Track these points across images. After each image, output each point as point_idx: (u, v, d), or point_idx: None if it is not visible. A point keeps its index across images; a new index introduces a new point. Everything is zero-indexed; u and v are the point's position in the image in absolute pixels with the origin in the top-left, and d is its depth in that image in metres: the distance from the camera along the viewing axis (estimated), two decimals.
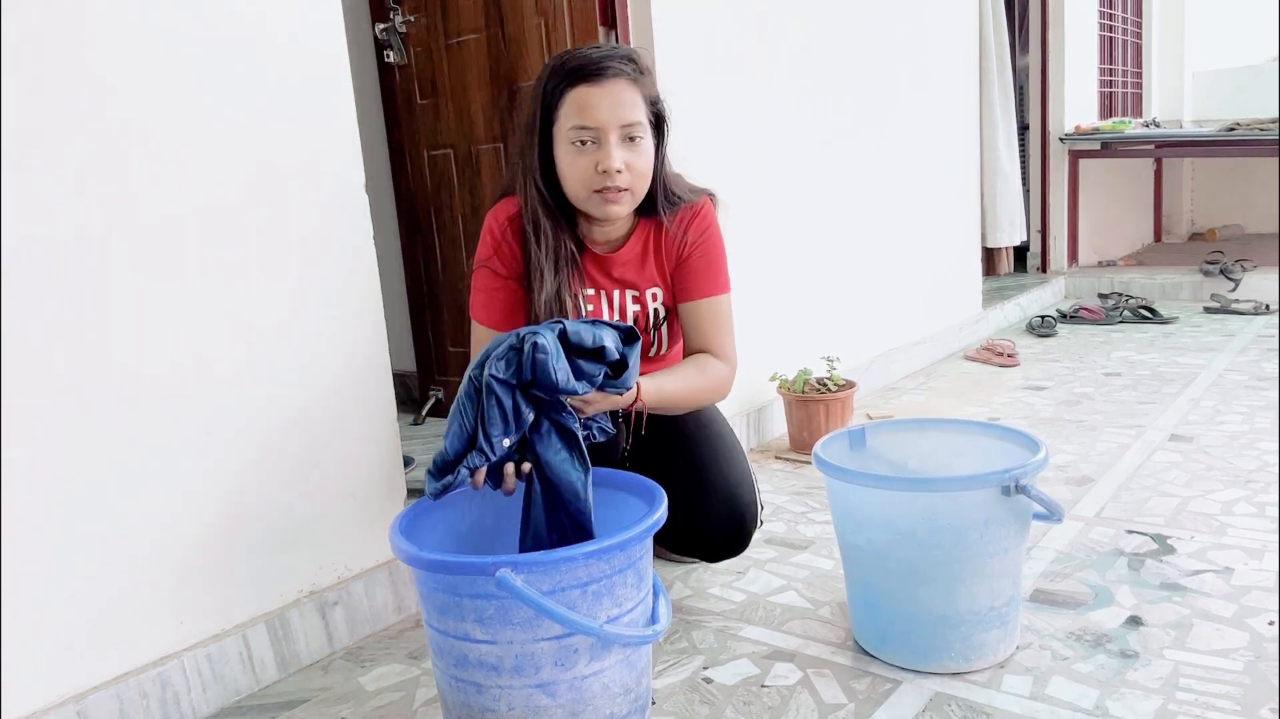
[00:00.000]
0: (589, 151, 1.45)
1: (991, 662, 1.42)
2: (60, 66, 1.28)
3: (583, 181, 1.46)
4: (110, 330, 1.35)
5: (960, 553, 1.36)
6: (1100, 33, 5.47)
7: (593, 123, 1.43)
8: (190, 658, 1.44)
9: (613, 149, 1.43)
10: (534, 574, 1.11)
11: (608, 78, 1.43)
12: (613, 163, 1.43)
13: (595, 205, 1.48)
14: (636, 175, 1.47)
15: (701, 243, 1.60)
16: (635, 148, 1.46)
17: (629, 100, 1.44)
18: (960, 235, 3.94)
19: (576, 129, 1.44)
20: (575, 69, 1.45)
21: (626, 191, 1.47)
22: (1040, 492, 1.34)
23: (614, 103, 1.43)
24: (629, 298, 1.60)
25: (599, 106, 1.43)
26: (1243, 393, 2.87)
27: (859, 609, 1.51)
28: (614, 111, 1.43)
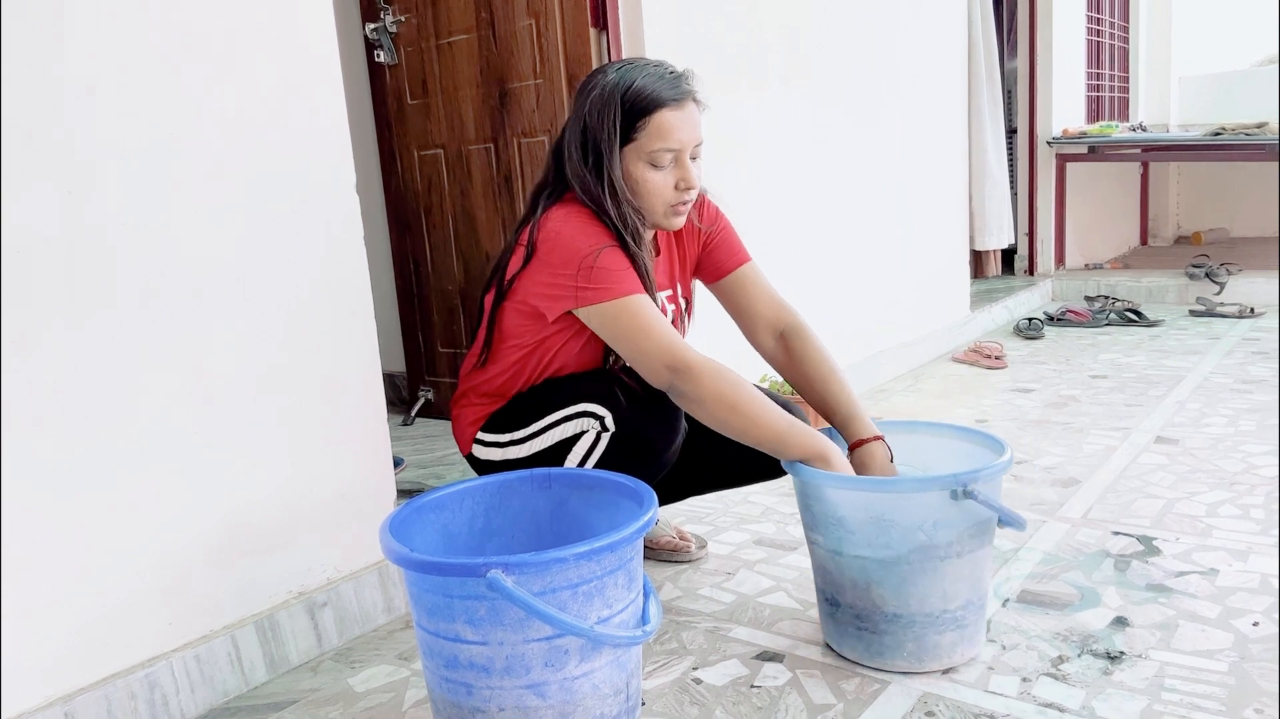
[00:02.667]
0: (668, 170, 1.52)
1: (946, 664, 1.43)
2: (46, 66, 1.28)
3: (663, 198, 1.53)
4: (97, 332, 1.34)
5: (909, 554, 1.38)
6: (1088, 37, 5.50)
7: (676, 145, 1.50)
8: (179, 659, 1.43)
9: (689, 166, 1.52)
10: (525, 575, 1.11)
11: (686, 101, 1.51)
12: (695, 180, 1.52)
13: (667, 218, 1.56)
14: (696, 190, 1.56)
15: (718, 221, 1.72)
16: (697, 163, 1.56)
17: (698, 120, 1.53)
18: (948, 238, 3.96)
19: (661, 150, 1.50)
20: (659, 94, 1.49)
21: (690, 205, 1.57)
22: (990, 498, 1.35)
23: (692, 125, 1.52)
24: (664, 298, 1.67)
25: (682, 129, 1.50)
26: (1228, 396, 2.89)
27: (821, 605, 1.53)
28: (693, 133, 1.52)
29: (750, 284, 1.71)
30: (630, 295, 1.47)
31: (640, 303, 1.47)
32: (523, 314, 1.56)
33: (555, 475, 1.45)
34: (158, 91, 1.39)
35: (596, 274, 1.46)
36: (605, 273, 1.46)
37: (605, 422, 1.52)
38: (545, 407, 1.57)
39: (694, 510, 2.16)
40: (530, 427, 1.58)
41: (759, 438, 1.45)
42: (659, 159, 1.50)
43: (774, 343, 1.69)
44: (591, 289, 1.46)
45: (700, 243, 1.71)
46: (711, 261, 1.72)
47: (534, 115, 2.56)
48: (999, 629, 1.55)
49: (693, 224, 1.69)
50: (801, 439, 1.44)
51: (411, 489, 2.21)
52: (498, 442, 1.61)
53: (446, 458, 2.55)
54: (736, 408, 1.44)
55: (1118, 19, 5.99)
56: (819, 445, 1.43)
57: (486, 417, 1.63)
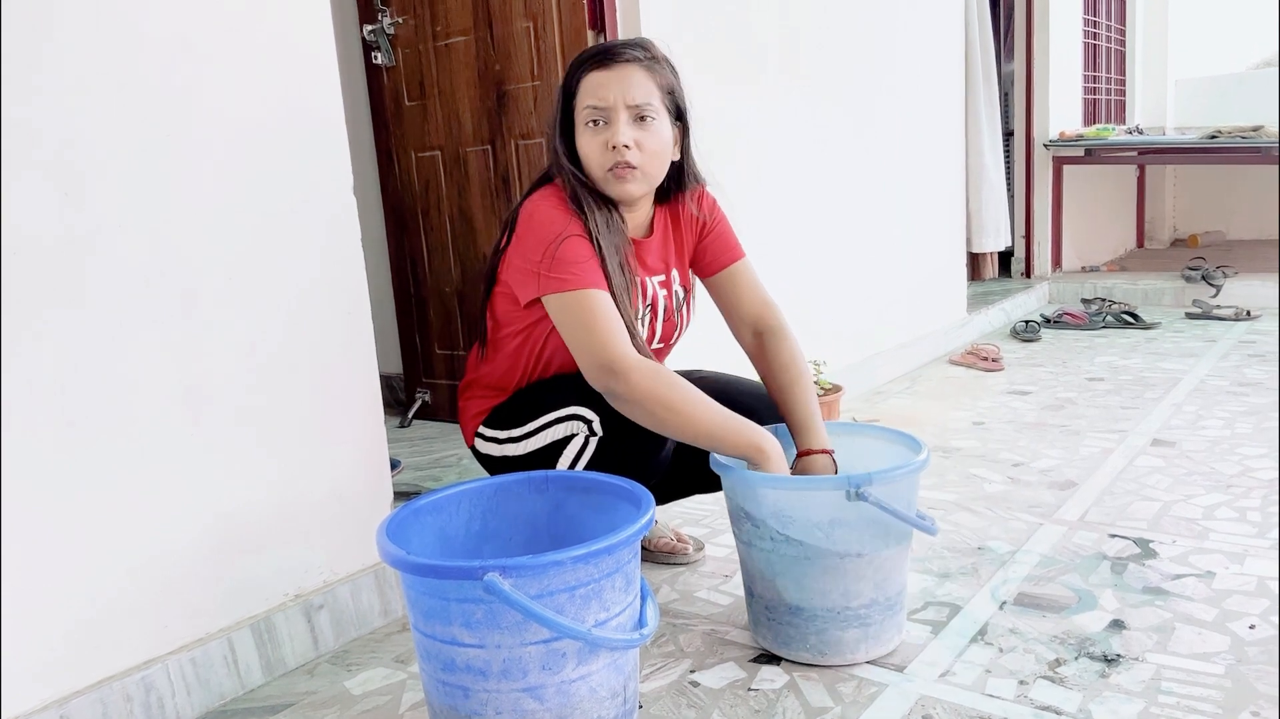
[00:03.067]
0: (601, 131, 1.50)
1: (850, 659, 1.47)
2: (43, 67, 1.28)
3: (597, 160, 1.51)
4: (92, 333, 1.34)
5: (808, 551, 1.42)
6: (1085, 40, 5.51)
7: (603, 102, 1.49)
8: (174, 662, 1.43)
9: (621, 126, 1.49)
10: (522, 578, 1.11)
11: (619, 62, 1.50)
12: (619, 137, 1.48)
13: (610, 184, 1.52)
14: (647, 155, 1.51)
15: (717, 215, 1.71)
16: (646, 127, 1.50)
17: (638, 82, 1.50)
18: (946, 240, 3.97)
19: (590, 109, 1.50)
20: (591, 55, 1.52)
21: (636, 169, 1.51)
22: (885, 501, 1.37)
23: (623, 83, 1.49)
24: (656, 284, 1.65)
25: (608, 86, 1.49)
26: (1224, 398, 2.89)
27: (745, 593, 1.57)
28: (623, 91, 1.48)
29: (741, 281, 1.71)
30: (583, 290, 1.45)
31: (589, 299, 1.44)
32: (508, 298, 1.57)
33: (552, 478, 1.44)
34: (155, 92, 1.39)
35: (558, 263, 1.46)
36: (563, 263, 1.45)
37: (593, 425, 1.51)
38: (541, 406, 1.57)
39: (691, 513, 2.15)
40: (526, 425, 1.58)
41: (695, 434, 1.44)
42: (589, 117, 1.50)
43: (753, 340, 1.69)
44: (551, 278, 1.46)
45: (698, 232, 1.70)
46: (708, 255, 1.71)
47: (531, 117, 2.56)
48: (996, 632, 1.55)
49: (691, 212, 1.68)
50: (737, 434, 1.44)
51: (408, 491, 2.21)
52: (496, 438, 1.62)
53: (443, 460, 2.55)
54: (671, 406, 1.42)
55: (1114, 22, 6.00)
56: (755, 439, 1.44)
57: (488, 410, 1.64)
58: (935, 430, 2.74)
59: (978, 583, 1.73)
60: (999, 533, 1.96)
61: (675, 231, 1.69)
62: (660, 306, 1.65)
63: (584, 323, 1.44)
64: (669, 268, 1.67)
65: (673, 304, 1.67)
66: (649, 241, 1.64)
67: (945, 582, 1.75)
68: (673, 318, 1.68)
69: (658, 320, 1.65)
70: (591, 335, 1.43)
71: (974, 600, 1.66)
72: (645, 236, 1.64)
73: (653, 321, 1.64)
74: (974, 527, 2.00)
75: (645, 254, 1.63)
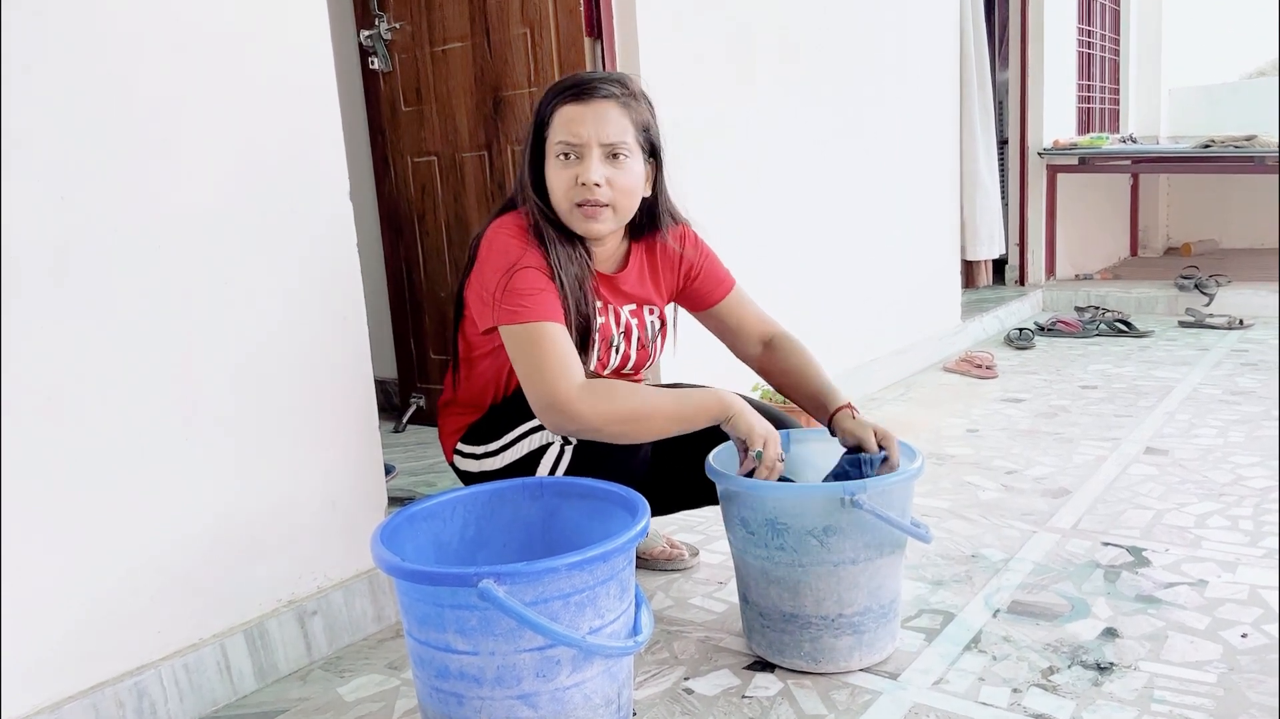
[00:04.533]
0: (571, 165, 1.47)
1: (844, 667, 1.47)
2: (42, 72, 1.28)
3: (565, 194, 1.48)
4: (90, 336, 1.34)
5: (803, 558, 1.42)
6: (1079, 49, 5.54)
7: (575, 139, 1.46)
8: (167, 667, 1.43)
9: (593, 163, 1.46)
10: (516, 585, 1.11)
11: (595, 98, 1.47)
12: (590, 175, 1.45)
13: (577, 220, 1.50)
14: (619, 192, 1.49)
15: (701, 251, 1.72)
16: (618, 165, 1.48)
17: (614, 120, 1.47)
18: (940, 248, 3.98)
19: (561, 143, 1.47)
20: (566, 88, 1.49)
21: (607, 208, 1.49)
22: (878, 508, 1.37)
23: (597, 120, 1.46)
24: (627, 312, 1.63)
25: (582, 122, 1.46)
26: (1217, 407, 2.90)
27: (740, 600, 1.58)
28: (597, 128, 1.46)
29: (739, 308, 1.74)
30: (533, 323, 1.42)
31: (538, 332, 1.42)
32: (473, 323, 1.56)
33: (547, 484, 1.44)
34: (150, 97, 1.39)
35: (509, 294, 1.44)
36: (516, 294, 1.43)
37: None
38: (514, 418, 1.55)
39: (686, 520, 2.15)
40: (502, 438, 1.56)
41: (662, 429, 1.43)
42: (560, 150, 1.48)
43: (761, 349, 1.73)
44: (504, 309, 1.44)
45: (683, 273, 1.69)
46: (698, 294, 1.72)
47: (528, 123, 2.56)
48: (989, 639, 1.55)
49: (673, 250, 1.67)
50: (699, 408, 1.45)
51: (403, 497, 2.20)
52: (474, 453, 1.60)
53: (438, 465, 2.55)
54: (625, 418, 1.41)
55: (1108, 31, 6.03)
56: (717, 402, 1.45)
57: (465, 427, 1.63)
58: (929, 437, 2.75)
59: (971, 590, 1.74)
60: (992, 540, 1.96)
61: (652, 269, 1.67)
62: (634, 335, 1.64)
63: (531, 356, 1.42)
64: (646, 300, 1.66)
65: (647, 335, 1.67)
66: (623, 275, 1.62)
67: (939, 589, 1.75)
68: (646, 348, 1.67)
69: (631, 347, 1.64)
70: (538, 372, 1.41)
71: (967, 608, 1.67)
72: (618, 271, 1.62)
73: (626, 349, 1.64)
74: (967, 534, 2.01)
75: (620, 285, 1.62)
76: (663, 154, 1.58)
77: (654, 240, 1.66)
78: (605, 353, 1.60)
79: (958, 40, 4.07)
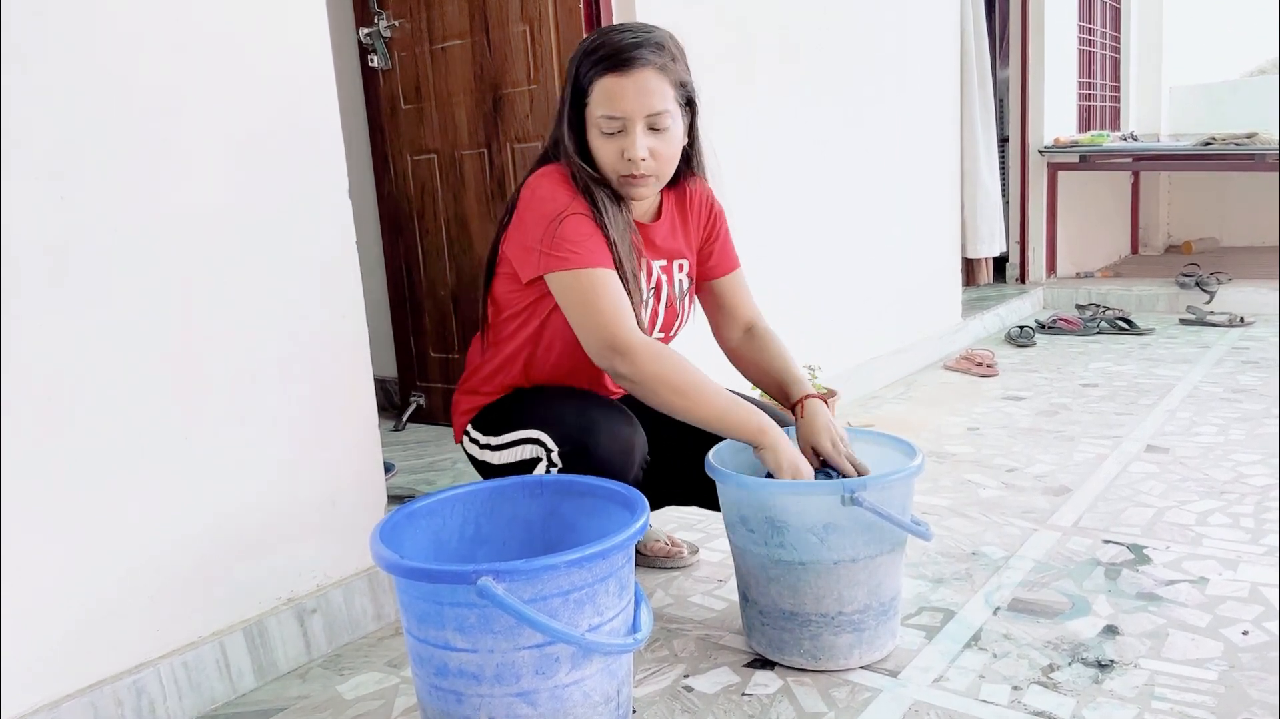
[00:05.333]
0: (616, 139, 1.48)
1: (844, 664, 1.47)
2: (38, 71, 1.27)
3: (610, 166, 1.50)
4: (89, 335, 1.33)
5: (802, 556, 1.42)
6: (1079, 47, 5.53)
7: (619, 113, 1.46)
8: (166, 665, 1.42)
9: (637, 138, 1.46)
10: (515, 582, 1.11)
11: (635, 68, 1.45)
12: (636, 152, 1.46)
13: (621, 187, 1.52)
14: (661, 161, 1.51)
15: (720, 217, 1.72)
16: (660, 135, 1.49)
17: (655, 89, 1.46)
18: (941, 246, 3.97)
19: (605, 118, 1.47)
20: (605, 57, 1.46)
21: (651, 177, 1.51)
22: (879, 506, 1.37)
23: (640, 92, 1.45)
24: (656, 267, 1.63)
25: (625, 97, 1.45)
26: (1218, 404, 2.90)
27: (740, 598, 1.57)
28: (639, 101, 1.45)
29: (737, 289, 1.75)
30: (586, 268, 1.44)
31: (594, 277, 1.44)
32: (509, 278, 1.56)
33: (546, 482, 1.44)
34: (150, 95, 1.39)
35: (559, 242, 1.44)
36: (567, 242, 1.44)
37: (553, 456, 1.49)
38: (516, 419, 1.55)
39: (686, 517, 2.15)
40: (502, 436, 1.56)
41: (701, 417, 1.45)
42: (604, 125, 1.47)
43: (741, 336, 1.75)
44: (553, 256, 1.45)
45: (707, 232, 1.71)
46: (712, 259, 1.72)
47: (528, 121, 2.56)
48: (990, 637, 1.55)
49: (701, 200, 1.69)
50: (743, 420, 1.46)
51: (402, 495, 2.20)
52: (478, 440, 1.61)
53: (437, 463, 2.55)
54: (677, 388, 1.43)
55: (1109, 29, 6.02)
56: (759, 422, 1.46)
57: (477, 409, 1.63)
58: (930, 435, 2.75)
59: (971, 588, 1.73)
60: (993, 538, 1.96)
61: (682, 218, 1.67)
62: (663, 292, 1.64)
63: (588, 301, 1.44)
64: (676, 254, 1.66)
65: (675, 292, 1.66)
66: (656, 226, 1.62)
67: (939, 587, 1.75)
68: (674, 305, 1.66)
69: (660, 305, 1.63)
70: (596, 315, 1.43)
71: (968, 606, 1.66)
72: (653, 220, 1.63)
73: (655, 306, 1.63)
74: (968, 532, 2.00)
75: (653, 237, 1.61)
76: (698, 101, 1.57)
77: (685, 187, 1.66)
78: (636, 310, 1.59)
79: (958, 38, 4.06)
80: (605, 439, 1.46)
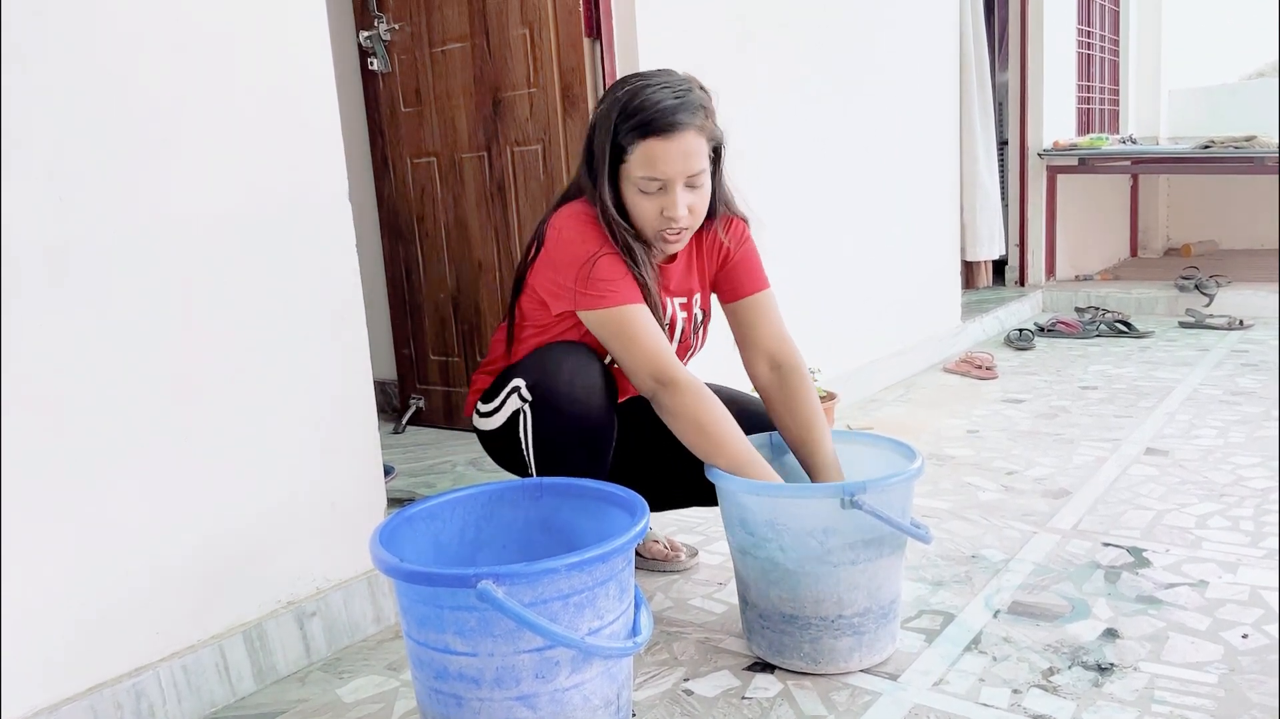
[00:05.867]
0: (656, 197, 1.50)
1: (844, 668, 1.47)
2: (43, 72, 1.28)
3: (649, 223, 1.53)
4: (89, 338, 1.33)
5: (802, 559, 1.42)
6: (1078, 50, 5.54)
7: (662, 176, 1.48)
8: (166, 669, 1.42)
9: (678, 198, 1.49)
10: (515, 586, 1.11)
11: (677, 132, 1.46)
12: (679, 211, 1.50)
13: (657, 241, 1.56)
14: (696, 216, 1.54)
15: (744, 244, 1.72)
16: (697, 192, 1.53)
17: (695, 151, 1.49)
18: (940, 248, 3.98)
19: (646, 179, 1.49)
20: (648, 122, 1.46)
21: (685, 230, 1.55)
22: (879, 509, 1.37)
23: (683, 155, 1.47)
24: (677, 305, 1.67)
25: (668, 161, 1.47)
26: (1217, 407, 2.90)
27: (740, 601, 1.57)
28: (683, 164, 1.48)
29: (761, 312, 1.69)
30: (623, 305, 1.50)
31: (632, 314, 1.50)
32: (537, 302, 1.60)
33: (546, 485, 1.44)
34: (150, 98, 1.39)
35: (593, 282, 1.49)
36: (601, 282, 1.49)
37: (521, 391, 1.54)
38: (503, 380, 1.60)
39: (685, 520, 2.15)
40: (493, 401, 1.61)
41: (715, 461, 1.49)
42: (645, 186, 1.49)
43: (769, 373, 1.67)
44: (588, 295, 1.50)
45: (720, 259, 1.70)
46: (730, 282, 1.70)
47: (527, 124, 2.56)
48: (989, 640, 1.55)
49: (717, 238, 1.68)
50: (753, 475, 1.47)
51: (402, 498, 2.20)
52: (480, 410, 1.65)
53: (437, 467, 2.55)
54: (705, 430, 1.49)
55: (1108, 32, 6.03)
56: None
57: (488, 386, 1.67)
58: (929, 438, 2.75)
59: (971, 591, 1.73)
60: (993, 541, 1.96)
61: (698, 257, 1.69)
62: (678, 328, 1.67)
63: (630, 336, 1.50)
64: (691, 291, 1.69)
65: (690, 327, 1.70)
66: (672, 267, 1.65)
67: (939, 590, 1.75)
68: (688, 339, 1.70)
69: (674, 340, 1.66)
70: (641, 348, 1.49)
71: (967, 609, 1.66)
72: (669, 262, 1.65)
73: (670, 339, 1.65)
74: (968, 535, 2.00)
75: (668, 279, 1.64)
76: (724, 150, 1.59)
77: (702, 230, 1.66)
78: None
79: (957, 41, 4.07)
80: (567, 373, 1.51)
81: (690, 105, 1.48)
